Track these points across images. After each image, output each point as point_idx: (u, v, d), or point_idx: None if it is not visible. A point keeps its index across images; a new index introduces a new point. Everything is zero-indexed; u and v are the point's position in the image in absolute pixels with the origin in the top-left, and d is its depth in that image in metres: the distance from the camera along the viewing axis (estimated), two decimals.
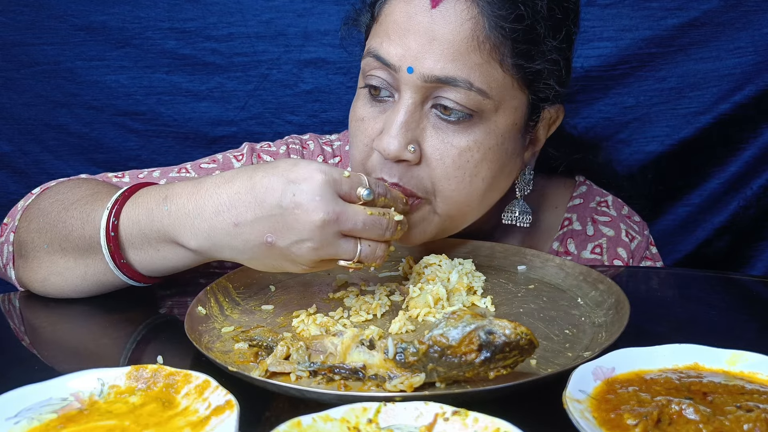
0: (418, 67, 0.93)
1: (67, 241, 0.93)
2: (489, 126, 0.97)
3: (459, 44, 0.92)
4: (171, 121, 1.57)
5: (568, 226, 1.22)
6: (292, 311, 0.90)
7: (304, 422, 0.58)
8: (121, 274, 0.92)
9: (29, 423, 0.61)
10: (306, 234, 0.80)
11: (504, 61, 0.95)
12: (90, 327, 0.97)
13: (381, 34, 0.97)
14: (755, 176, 1.54)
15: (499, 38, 0.93)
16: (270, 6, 1.52)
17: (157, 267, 0.92)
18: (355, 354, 0.72)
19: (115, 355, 0.85)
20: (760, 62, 1.47)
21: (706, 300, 1.06)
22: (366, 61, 0.99)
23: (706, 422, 0.58)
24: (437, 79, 0.93)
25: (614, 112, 1.56)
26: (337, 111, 1.55)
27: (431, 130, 0.96)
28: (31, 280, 0.98)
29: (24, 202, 1.05)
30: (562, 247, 1.21)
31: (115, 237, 0.89)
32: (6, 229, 1.04)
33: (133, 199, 0.90)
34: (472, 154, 0.97)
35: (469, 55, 0.93)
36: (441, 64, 0.92)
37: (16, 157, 1.59)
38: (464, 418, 0.58)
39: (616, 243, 1.20)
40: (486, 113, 0.96)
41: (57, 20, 1.52)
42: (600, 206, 1.24)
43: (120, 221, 0.89)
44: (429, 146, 0.96)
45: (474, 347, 0.66)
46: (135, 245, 0.90)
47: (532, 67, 0.97)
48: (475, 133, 0.96)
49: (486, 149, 0.97)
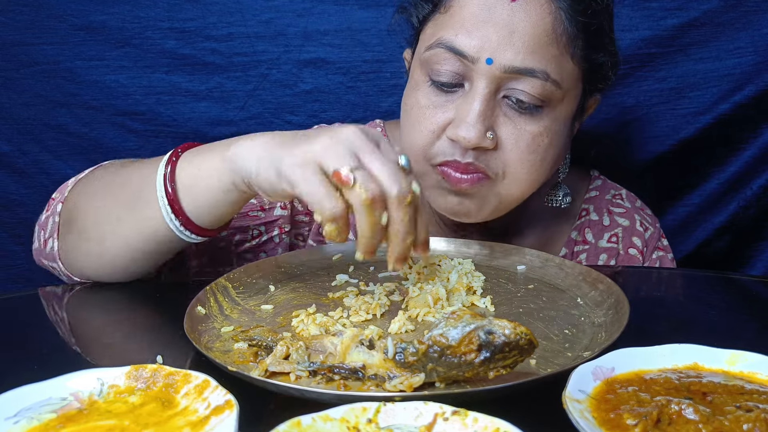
0: (499, 58, 0.97)
1: (123, 190, 0.96)
2: (556, 113, 1.03)
3: (539, 37, 0.97)
4: (170, 121, 1.57)
5: (586, 217, 1.27)
6: (292, 311, 0.90)
7: (304, 422, 0.58)
8: (175, 220, 0.92)
9: (29, 423, 0.61)
10: (339, 127, 0.80)
11: (575, 54, 1.01)
12: (90, 327, 0.97)
13: (455, 25, 1.00)
14: (755, 176, 1.54)
15: (574, 32, 1.00)
16: (270, 6, 1.52)
17: (195, 191, 0.91)
18: (354, 354, 0.72)
19: (114, 355, 0.85)
20: (760, 62, 1.47)
21: (705, 300, 1.06)
22: (434, 53, 1.02)
23: (705, 422, 0.59)
24: (517, 70, 0.98)
25: (614, 112, 1.56)
26: (336, 111, 1.55)
27: (503, 117, 1.01)
28: (86, 246, 0.99)
29: (76, 178, 1.08)
30: (580, 236, 1.26)
31: (173, 188, 0.91)
32: (53, 203, 1.06)
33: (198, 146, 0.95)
34: (542, 139, 1.03)
35: (547, 48, 0.98)
36: (521, 55, 0.97)
37: (15, 156, 1.59)
38: (464, 418, 0.58)
39: (631, 232, 1.26)
40: (554, 102, 1.02)
41: (56, 20, 1.51)
42: (615, 198, 1.30)
43: (182, 155, 0.93)
44: (504, 132, 1.01)
45: (474, 347, 0.66)
46: (184, 168, 0.91)
47: (597, 59, 1.05)
48: (545, 119, 1.02)
49: (553, 134, 1.04)
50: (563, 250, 1.26)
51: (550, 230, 1.27)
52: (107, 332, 0.93)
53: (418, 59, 1.06)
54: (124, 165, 1.01)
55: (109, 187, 0.99)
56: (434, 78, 1.03)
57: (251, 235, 1.18)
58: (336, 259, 1.08)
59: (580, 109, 1.10)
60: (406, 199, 0.78)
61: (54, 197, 1.08)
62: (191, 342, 0.77)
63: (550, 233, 1.27)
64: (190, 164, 0.91)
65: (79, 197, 1.02)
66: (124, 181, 0.97)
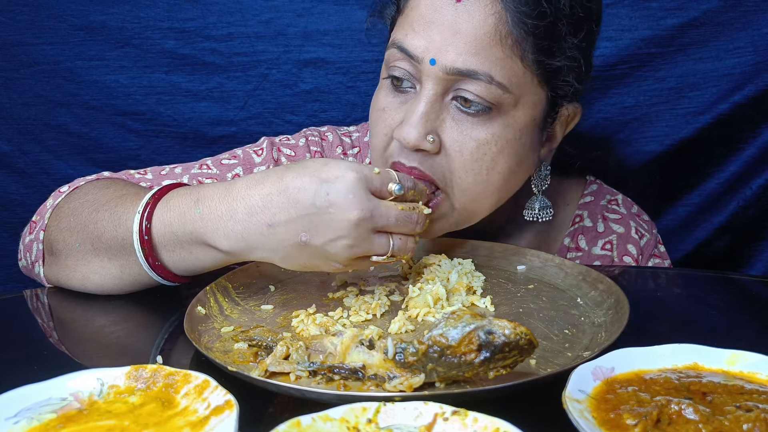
0: (441, 59, 0.95)
1: (100, 242, 0.95)
2: (507, 120, 0.99)
3: (482, 38, 0.94)
4: (170, 121, 1.57)
5: (579, 223, 1.24)
6: (292, 311, 0.90)
7: (304, 422, 0.58)
8: (155, 275, 0.94)
9: (29, 423, 0.61)
10: (341, 231, 0.82)
11: (525, 57, 0.97)
12: (90, 327, 0.97)
13: (406, 26, 0.99)
14: (755, 176, 1.54)
15: (521, 34, 0.95)
16: (269, 6, 1.52)
17: (189, 267, 0.93)
18: (354, 354, 0.72)
19: (114, 355, 0.85)
20: (760, 62, 1.47)
21: (705, 300, 1.06)
22: (390, 52, 1.02)
23: (705, 422, 0.59)
24: (459, 71, 0.95)
25: (614, 112, 1.56)
26: (336, 111, 1.55)
27: (451, 121, 0.98)
28: (69, 278, 1.00)
29: (53, 200, 1.07)
30: (573, 243, 1.23)
31: (148, 240, 0.91)
32: (35, 227, 1.06)
33: (164, 202, 0.92)
34: (490, 147, 0.98)
35: (491, 50, 0.95)
36: (463, 57, 0.94)
37: (15, 156, 1.59)
38: (464, 418, 0.58)
39: (626, 240, 1.22)
40: (505, 107, 0.98)
41: (56, 20, 1.52)
42: (610, 204, 1.26)
43: (152, 224, 0.91)
44: (448, 137, 0.98)
45: (474, 347, 0.66)
46: (167, 247, 0.92)
47: (552, 64, 0.99)
48: (494, 126, 0.98)
49: (504, 143, 0.99)
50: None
51: (542, 237, 1.23)
52: (107, 332, 0.93)
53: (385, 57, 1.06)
54: (96, 208, 0.98)
55: (84, 232, 0.97)
56: (391, 74, 1.02)
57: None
58: None
59: (549, 118, 1.06)
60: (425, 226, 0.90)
61: (35, 220, 1.08)
62: (191, 342, 0.77)
63: (542, 240, 1.23)
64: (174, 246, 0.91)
65: (58, 234, 1.01)
66: (99, 232, 0.96)
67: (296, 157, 1.21)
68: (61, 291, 1.05)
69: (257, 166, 1.19)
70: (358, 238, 0.83)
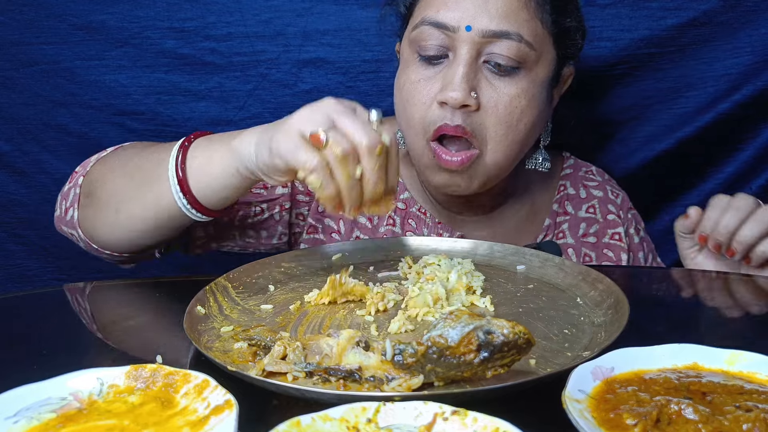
0: (476, 24, 1.08)
1: (139, 169, 1.05)
2: (531, 76, 1.13)
3: (510, 3, 1.09)
4: (170, 121, 1.57)
5: (564, 191, 1.37)
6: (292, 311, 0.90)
7: (304, 422, 0.58)
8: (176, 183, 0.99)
9: (28, 422, 0.61)
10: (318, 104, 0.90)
11: (544, 18, 1.13)
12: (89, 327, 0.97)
13: (437, 3, 1.12)
14: (754, 176, 1.54)
15: None
16: (269, 6, 1.51)
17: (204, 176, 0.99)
18: (350, 355, 0.72)
19: (114, 355, 0.85)
20: (758, 62, 1.47)
21: (705, 300, 1.07)
22: (420, 30, 1.13)
23: (705, 422, 0.59)
24: (493, 33, 1.09)
25: (613, 111, 1.56)
26: None
27: (485, 81, 1.11)
28: (99, 216, 1.08)
29: (98, 155, 1.17)
30: (561, 209, 1.36)
31: (184, 153, 1.00)
32: (76, 176, 1.15)
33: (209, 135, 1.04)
34: (520, 101, 1.12)
35: (518, 12, 1.10)
36: (496, 20, 1.09)
37: (15, 156, 1.58)
38: (463, 418, 0.58)
39: (605, 201, 1.37)
40: (529, 64, 1.12)
41: (56, 20, 1.51)
42: (588, 174, 1.41)
43: (194, 141, 1.02)
44: (484, 95, 1.11)
45: (473, 347, 0.66)
46: (195, 155, 1.00)
47: (565, 23, 1.16)
48: (522, 82, 1.12)
49: (530, 96, 1.13)
50: (547, 221, 1.35)
51: (537, 202, 1.36)
52: (107, 332, 0.93)
53: (407, 40, 1.17)
54: (144, 147, 1.11)
55: (126, 166, 1.08)
56: (422, 53, 1.13)
57: (254, 211, 1.25)
58: (336, 259, 1.08)
59: (556, 77, 1.20)
60: (376, 149, 0.86)
61: (77, 171, 1.16)
62: (191, 342, 0.77)
63: (537, 205, 1.36)
64: (200, 152, 1.00)
65: (99, 173, 1.11)
66: (140, 162, 1.06)
67: None
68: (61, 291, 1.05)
69: None
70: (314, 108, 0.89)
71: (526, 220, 1.35)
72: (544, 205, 1.37)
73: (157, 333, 0.93)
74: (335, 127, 0.87)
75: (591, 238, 1.34)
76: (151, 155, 1.05)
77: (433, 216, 1.31)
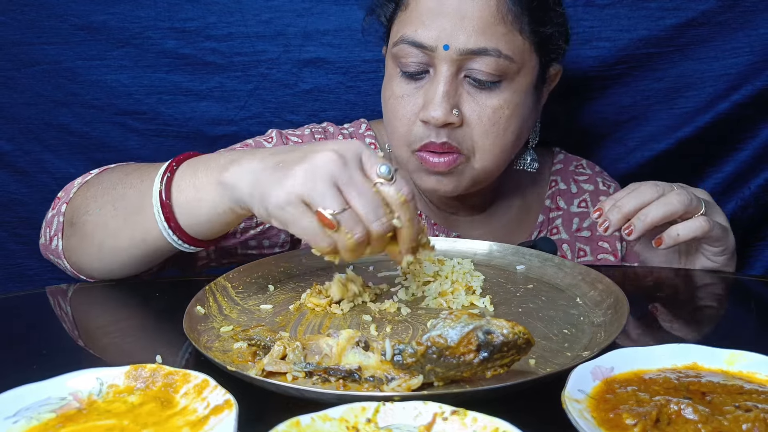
0: (454, 43, 1.08)
1: (122, 200, 0.99)
2: (513, 86, 1.13)
3: (486, 19, 1.08)
4: (171, 121, 1.57)
5: (555, 187, 1.39)
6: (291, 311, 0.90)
7: (303, 422, 0.58)
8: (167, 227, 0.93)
9: (28, 422, 0.61)
10: (310, 156, 0.80)
11: (523, 29, 1.11)
12: (89, 327, 0.97)
13: (414, 21, 1.11)
14: (753, 176, 1.54)
15: (519, 10, 1.10)
16: (270, 6, 1.52)
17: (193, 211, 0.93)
18: (350, 355, 0.72)
19: (113, 355, 0.85)
20: (757, 62, 1.47)
21: (705, 300, 1.07)
22: (399, 48, 1.13)
23: (704, 422, 0.59)
24: (471, 51, 1.08)
25: (611, 111, 1.56)
26: (336, 110, 1.55)
27: (467, 95, 1.12)
28: (85, 246, 1.04)
29: (81, 179, 1.12)
30: (553, 204, 1.37)
31: (168, 183, 0.93)
32: (58, 202, 1.11)
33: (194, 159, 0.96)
34: (503, 111, 1.12)
35: (495, 27, 1.09)
36: (473, 38, 1.08)
37: (16, 156, 1.59)
38: (463, 418, 0.58)
39: (596, 194, 1.38)
40: (511, 75, 1.12)
41: (57, 20, 1.52)
42: (578, 168, 1.42)
43: (177, 170, 0.94)
44: (467, 109, 1.12)
45: (473, 347, 0.66)
46: (181, 188, 0.93)
47: (545, 32, 1.14)
48: (504, 93, 1.12)
49: (514, 106, 1.13)
50: (541, 217, 1.36)
51: (529, 199, 1.38)
52: (107, 332, 0.93)
53: (390, 54, 1.17)
54: (127, 173, 1.03)
55: (109, 195, 1.02)
56: (403, 69, 1.14)
57: (255, 221, 1.22)
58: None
59: (542, 78, 1.20)
60: (386, 234, 0.81)
61: (59, 196, 1.12)
62: (191, 342, 0.77)
63: (530, 202, 1.37)
64: (186, 183, 0.93)
65: (82, 200, 1.05)
66: (124, 191, 1.00)
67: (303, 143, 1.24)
68: (61, 291, 1.05)
69: None
70: (317, 170, 0.79)
71: (519, 217, 1.36)
72: (536, 201, 1.38)
73: (156, 333, 0.93)
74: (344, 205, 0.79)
75: (585, 232, 1.35)
76: (135, 185, 0.99)
77: (428, 218, 1.31)
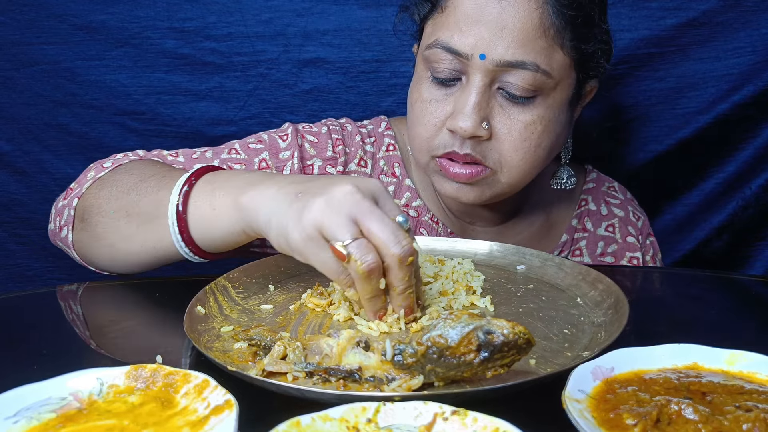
0: (491, 53, 1.03)
1: (137, 207, 0.98)
2: (548, 101, 1.08)
3: (527, 31, 1.03)
4: (171, 121, 1.57)
5: (585, 206, 1.34)
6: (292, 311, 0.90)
7: (303, 422, 0.58)
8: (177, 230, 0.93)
9: (28, 422, 0.61)
10: (329, 188, 0.80)
11: (564, 45, 1.06)
12: (90, 327, 0.97)
13: (450, 25, 1.06)
14: (754, 176, 1.54)
15: (561, 24, 1.04)
16: (269, 6, 1.52)
17: (207, 228, 0.93)
18: (350, 355, 0.72)
19: (114, 355, 0.85)
20: (759, 62, 1.47)
21: (705, 300, 1.07)
22: (432, 52, 1.08)
23: (705, 422, 0.59)
24: (508, 63, 1.03)
25: (613, 111, 1.56)
26: (336, 111, 1.55)
27: (498, 108, 1.07)
28: (96, 246, 1.04)
29: (95, 172, 1.10)
30: (579, 224, 1.33)
31: (185, 197, 0.93)
32: (71, 193, 1.09)
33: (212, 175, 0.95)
34: (535, 127, 1.08)
35: (536, 41, 1.03)
36: (512, 50, 1.03)
37: (16, 156, 1.59)
38: (463, 418, 0.58)
39: (626, 222, 1.33)
40: (547, 91, 1.07)
41: (56, 20, 1.51)
42: (610, 190, 1.37)
43: (196, 185, 0.94)
44: (498, 123, 1.07)
45: (473, 348, 0.66)
46: (198, 204, 0.93)
47: (587, 49, 1.09)
48: (538, 108, 1.07)
49: (547, 122, 1.08)
50: (564, 236, 1.31)
51: (553, 217, 1.32)
52: (107, 332, 0.93)
53: (421, 55, 1.12)
54: (142, 178, 1.02)
55: (123, 200, 1.00)
56: (435, 74, 1.09)
57: None
58: None
59: (577, 95, 1.15)
60: (408, 259, 0.79)
61: (72, 187, 1.10)
62: (191, 342, 0.77)
63: (553, 220, 1.32)
64: (203, 199, 0.93)
65: (95, 199, 1.04)
66: (138, 198, 0.99)
67: (318, 144, 1.24)
68: (61, 292, 1.05)
69: (282, 152, 1.22)
70: (334, 202, 0.79)
71: (541, 234, 1.31)
72: (561, 219, 1.33)
73: (157, 333, 0.93)
74: (359, 234, 0.78)
75: (609, 258, 1.31)
76: (150, 193, 0.98)
77: (445, 226, 1.27)
